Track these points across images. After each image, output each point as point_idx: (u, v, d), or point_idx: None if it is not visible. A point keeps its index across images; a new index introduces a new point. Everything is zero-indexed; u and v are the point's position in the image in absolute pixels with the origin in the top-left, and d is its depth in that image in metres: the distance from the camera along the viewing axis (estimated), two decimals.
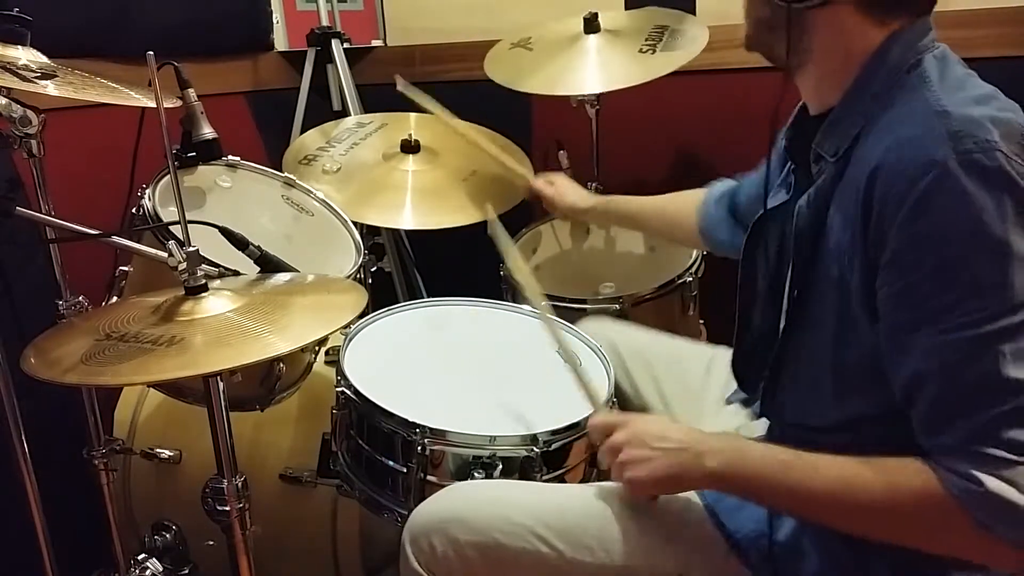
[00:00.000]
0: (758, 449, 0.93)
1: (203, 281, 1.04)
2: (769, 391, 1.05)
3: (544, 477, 1.17)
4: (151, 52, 0.96)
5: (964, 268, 0.79)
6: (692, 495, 1.03)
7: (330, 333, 1.05)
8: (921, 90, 0.87)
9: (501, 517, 1.01)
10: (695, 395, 1.32)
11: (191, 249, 1.02)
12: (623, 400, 1.34)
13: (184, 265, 1.02)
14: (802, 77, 0.99)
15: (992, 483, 0.77)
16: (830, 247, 0.91)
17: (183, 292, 1.03)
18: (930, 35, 0.93)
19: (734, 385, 1.22)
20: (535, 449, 1.14)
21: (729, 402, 1.25)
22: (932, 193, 0.79)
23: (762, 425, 1.14)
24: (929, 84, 0.87)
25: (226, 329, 0.98)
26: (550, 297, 1.66)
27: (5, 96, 1.17)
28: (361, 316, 1.28)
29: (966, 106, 0.83)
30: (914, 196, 0.80)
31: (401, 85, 1.87)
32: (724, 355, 1.32)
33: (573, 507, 1.03)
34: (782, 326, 1.00)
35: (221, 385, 1.04)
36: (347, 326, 1.24)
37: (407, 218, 1.78)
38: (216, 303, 1.03)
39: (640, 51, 1.74)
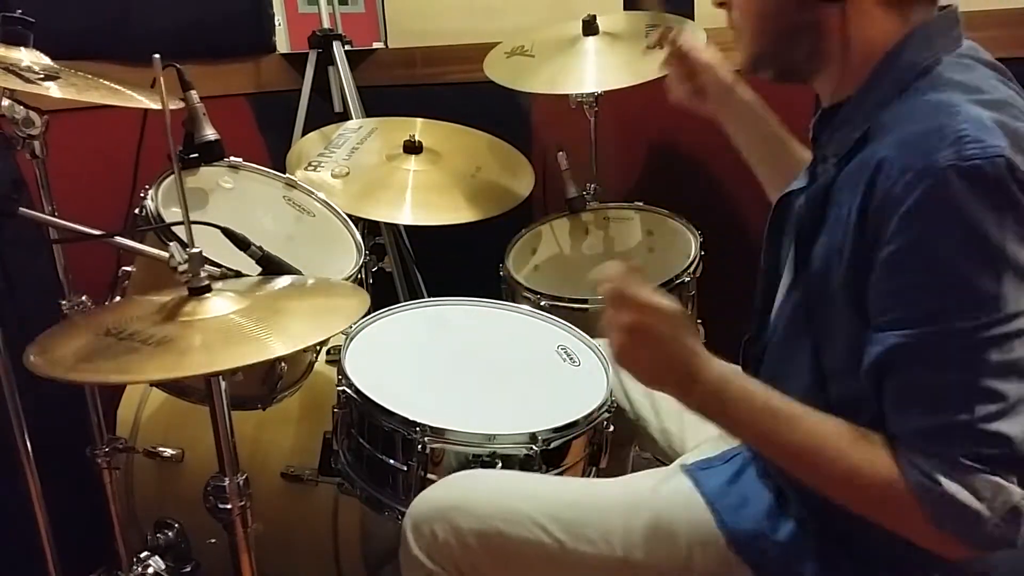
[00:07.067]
0: (749, 383, 0.89)
1: (206, 282, 1.04)
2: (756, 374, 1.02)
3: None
4: (158, 55, 0.97)
5: (958, 277, 0.78)
6: (694, 491, 1.03)
7: (329, 337, 1.05)
8: (931, 92, 0.84)
9: (503, 506, 1.02)
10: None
11: (195, 250, 1.02)
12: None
13: (186, 266, 1.03)
14: (820, 80, 0.97)
15: (950, 486, 0.77)
16: (822, 245, 0.90)
17: (187, 292, 1.04)
18: (952, 34, 0.90)
19: None
20: (534, 447, 1.15)
21: None
22: (929, 200, 0.78)
23: None
24: (939, 84, 0.85)
25: (226, 330, 0.98)
26: (550, 297, 1.67)
27: (8, 97, 1.17)
28: (362, 316, 1.28)
29: (976, 109, 0.80)
30: (911, 201, 0.78)
31: None
32: None
33: (576, 498, 1.04)
34: (772, 315, 1.00)
35: (223, 384, 1.04)
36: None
37: (407, 214, 1.79)
38: (218, 304, 1.03)
39: (648, 47, 1.74)
